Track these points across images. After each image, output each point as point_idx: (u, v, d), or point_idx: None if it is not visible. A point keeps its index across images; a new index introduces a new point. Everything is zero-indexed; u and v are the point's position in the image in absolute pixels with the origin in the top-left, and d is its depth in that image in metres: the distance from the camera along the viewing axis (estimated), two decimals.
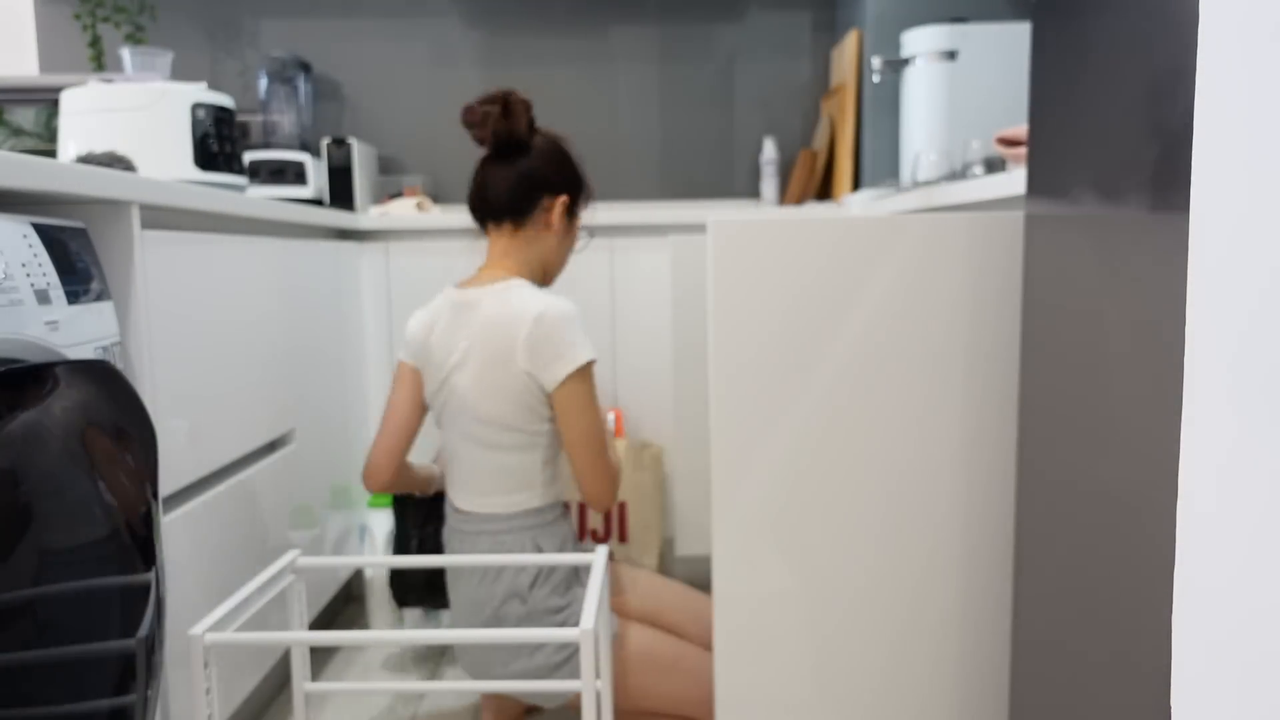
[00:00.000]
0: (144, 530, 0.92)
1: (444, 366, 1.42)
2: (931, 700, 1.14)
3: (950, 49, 2.03)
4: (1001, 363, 1.10)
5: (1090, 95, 0.79)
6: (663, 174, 2.72)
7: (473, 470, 1.42)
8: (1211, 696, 0.53)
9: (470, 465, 1.42)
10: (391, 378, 1.71)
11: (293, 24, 2.63)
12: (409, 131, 2.67)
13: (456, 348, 1.41)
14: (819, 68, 2.70)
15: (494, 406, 1.38)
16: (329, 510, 1.85)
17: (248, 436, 1.46)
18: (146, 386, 1.14)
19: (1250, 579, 0.50)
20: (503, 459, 1.40)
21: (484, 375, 1.38)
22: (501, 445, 1.39)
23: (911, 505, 1.11)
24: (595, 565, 1.17)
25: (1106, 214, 0.77)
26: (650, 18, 2.67)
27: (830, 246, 1.08)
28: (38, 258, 0.90)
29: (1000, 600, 1.13)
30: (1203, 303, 0.53)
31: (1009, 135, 1.34)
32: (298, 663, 1.22)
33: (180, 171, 1.65)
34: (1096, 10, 0.77)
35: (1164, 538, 0.70)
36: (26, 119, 2.02)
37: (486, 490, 1.41)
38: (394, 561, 1.27)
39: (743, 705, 1.14)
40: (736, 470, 1.11)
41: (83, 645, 0.82)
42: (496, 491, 1.41)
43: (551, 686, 1.16)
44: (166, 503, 1.21)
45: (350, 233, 2.21)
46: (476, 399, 1.38)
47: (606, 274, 2.20)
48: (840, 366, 1.09)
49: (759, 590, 1.13)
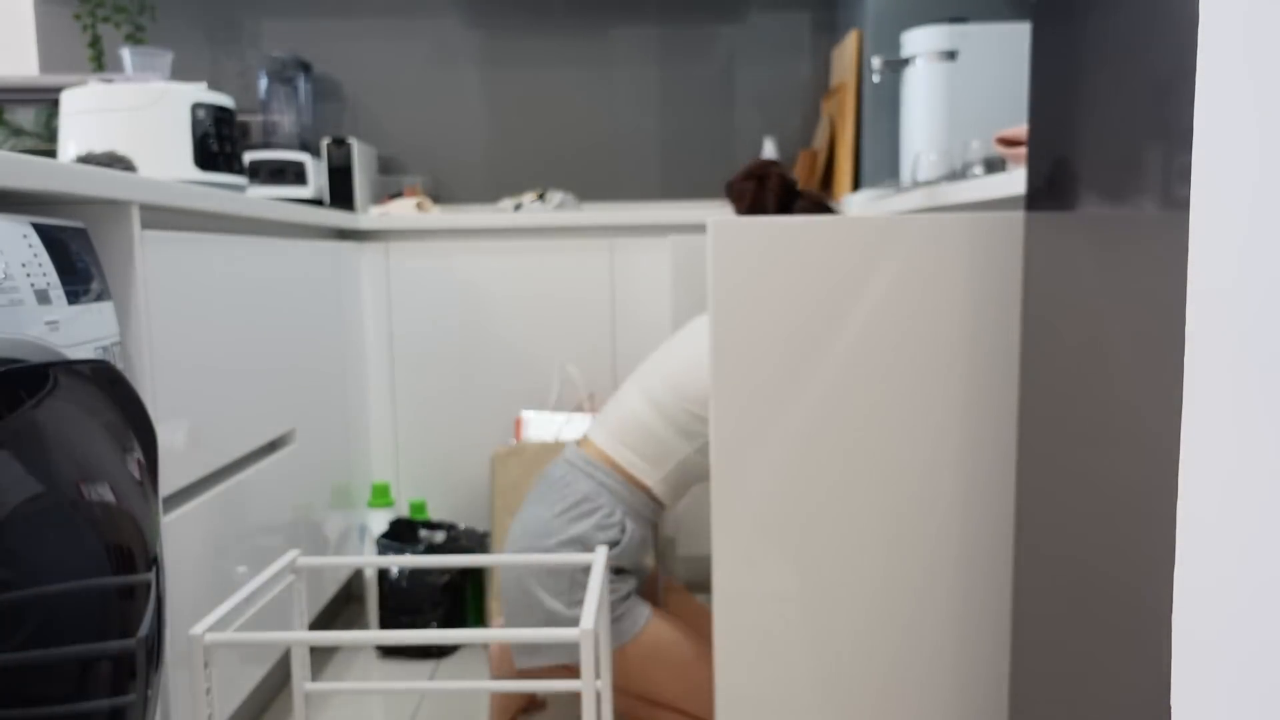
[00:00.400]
0: (144, 530, 0.92)
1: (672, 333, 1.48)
2: (931, 700, 1.14)
3: (950, 49, 2.03)
4: (1001, 362, 1.10)
5: (1090, 95, 0.79)
6: (663, 174, 2.72)
7: (629, 419, 1.49)
8: (1211, 696, 0.53)
9: (631, 415, 1.49)
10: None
11: (293, 24, 2.63)
12: (409, 131, 2.67)
13: (693, 326, 1.52)
14: (819, 68, 2.70)
15: (692, 383, 1.45)
16: (329, 510, 1.85)
17: (248, 436, 1.46)
18: (146, 386, 1.14)
19: (1250, 579, 0.50)
20: (662, 428, 1.46)
21: (701, 359, 1.46)
22: (671, 417, 1.46)
23: (911, 505, 1.11)
24: (595, 565, 1.17)
25: (1106, 214, 0.77)
26: (650, 18, 2.67)
27: (830, 246, 1.08)
28: (38, 258, 0.90)
29: (1000, 600, 1.13)
30: (1203, 302, 0.53)
31: (1009, 135, 1.34)
32: (298, 663, 1.22)
33: (180, 171, 1.65)
34: (1096, 10, 0.77)
35: (1164, 538, 0.70)
36: (26, 119, 2.02)
37: (629, 442, 1.47)
38: (394, 561, 1.27)
39: (743, 705, 1.14)
40: (736, 470, 1.11)
41: (83, 645, 0.82)
42: (634, 446, 1.47)
43: (552, 687, 1.16)
44: (166, 503, 1.21)
45: (350, 233, 2.21)
46: (685, 369, 1.46)
47: (606, 274, 2.20)
48: (840, 366, 1.09)
49: (759, 590, 1.13)
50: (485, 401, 2.20)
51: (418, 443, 2.20)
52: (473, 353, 2.19)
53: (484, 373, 2.19)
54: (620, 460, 1.47)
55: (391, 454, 2.20)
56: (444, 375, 2.19)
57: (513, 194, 2.67)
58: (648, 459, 1.46)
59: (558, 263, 2.19)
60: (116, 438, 0.90)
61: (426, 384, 2.19)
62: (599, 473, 1.47)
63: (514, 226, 2.18)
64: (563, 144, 2.70)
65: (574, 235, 2.20)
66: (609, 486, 1.45)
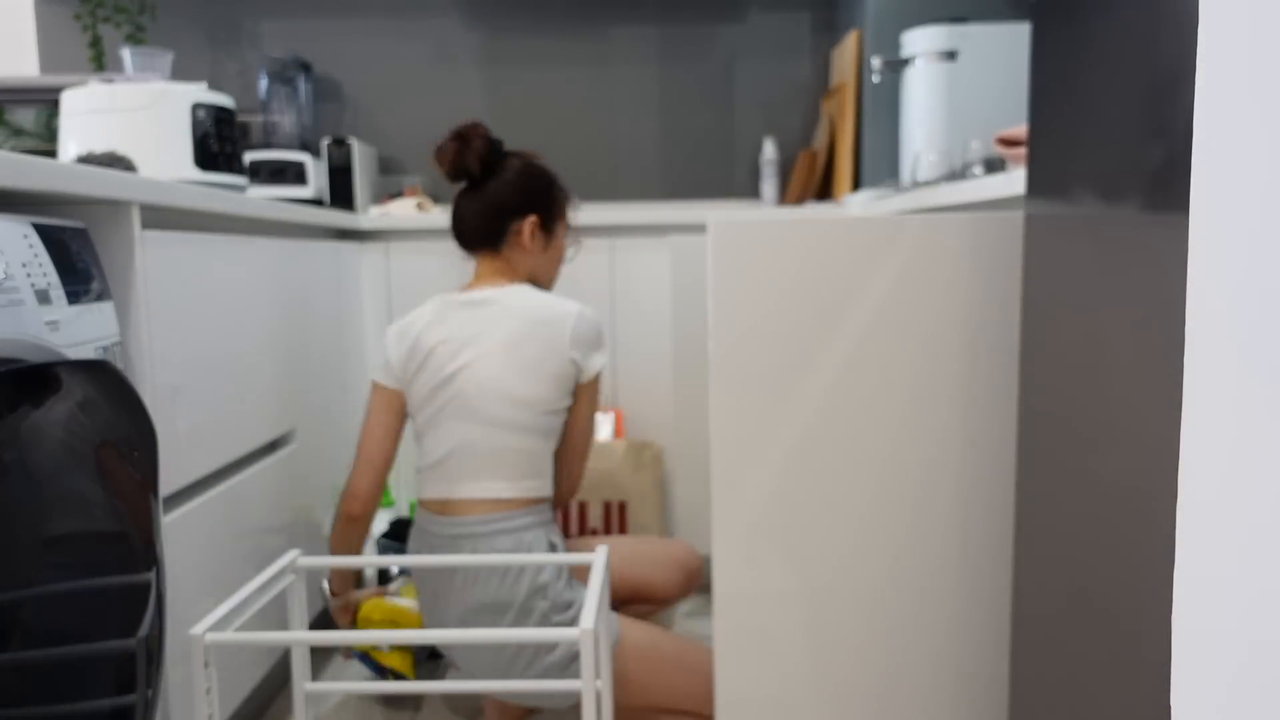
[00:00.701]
0: (144, 530, 0.92)
1: (455, 359, 1.43)
2: (931, 699, 1.14)
3: (950, 49, 2.03)
4: (1001, 362, 1.10)
5: (1090, 95, 0.79)
6: (663, 174, 2.72)
7: (490, 457, 1.42)
8: (1211, 696, 0.53)
9: (487, 452, 1.42)
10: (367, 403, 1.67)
11: (293, 24, 2.63)
12: (409, 131, 2.67)
13: (476, 339, 1.44)
14: (819, 68, 2.70)
15: (532, 387, 1.43)
16: (329, 510, 1.85)
17: (248, 436, 1.46)
18: (146, 386, 1.14)
19: (1250, 579, 0.50)
20: (526, 443, 1.43)
21: (521, 359, 1.43)
22: (529, 428, 1.43)
23: (911, 505, 1.11)
24: (595, 565, 1.17)
25: (1106, 214, 0.77)
26: (650, 18, 2.67)
27: (830, 246, 1.08)
28: (38, 258, 0.90)
29: (1000, 600, 1.13)
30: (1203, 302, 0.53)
31: (1009, 135, 1.34)
32: (298, 663, 1.22)
33: (180, 171, 1.65)
34: (1096, 10, 0.78)
35: (1164, 538, 0.70)
36: (26, 119, 2.02)
37: (506, 475, 1.42)
38: (394, 561, 1.27)
39: (743, 705, 1.14)
40: (736, 470, 1.11)
41: (83, 645, 0.82)
42: (514, 476, 1.43)
43: (551, 687, 1.16)
44: (166, 503, 1.21)
45: (350, 233, 2.21)
46: (513, 382, 1.42)
47: (606, 274, 2.20)
48: (840, 366, 1.09)
49: (759, 590, 1.13)
50: None
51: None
52: None
53: None
54: (510, 496, 1.43)
55: None
56: None
57: None
58: (534, 475, 1.44)
59: None
60: (116, 438, 0.90)
61: None
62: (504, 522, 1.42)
63: None
64: (563, 144, 2.70)
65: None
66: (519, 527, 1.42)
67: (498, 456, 1.43)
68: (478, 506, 1.42)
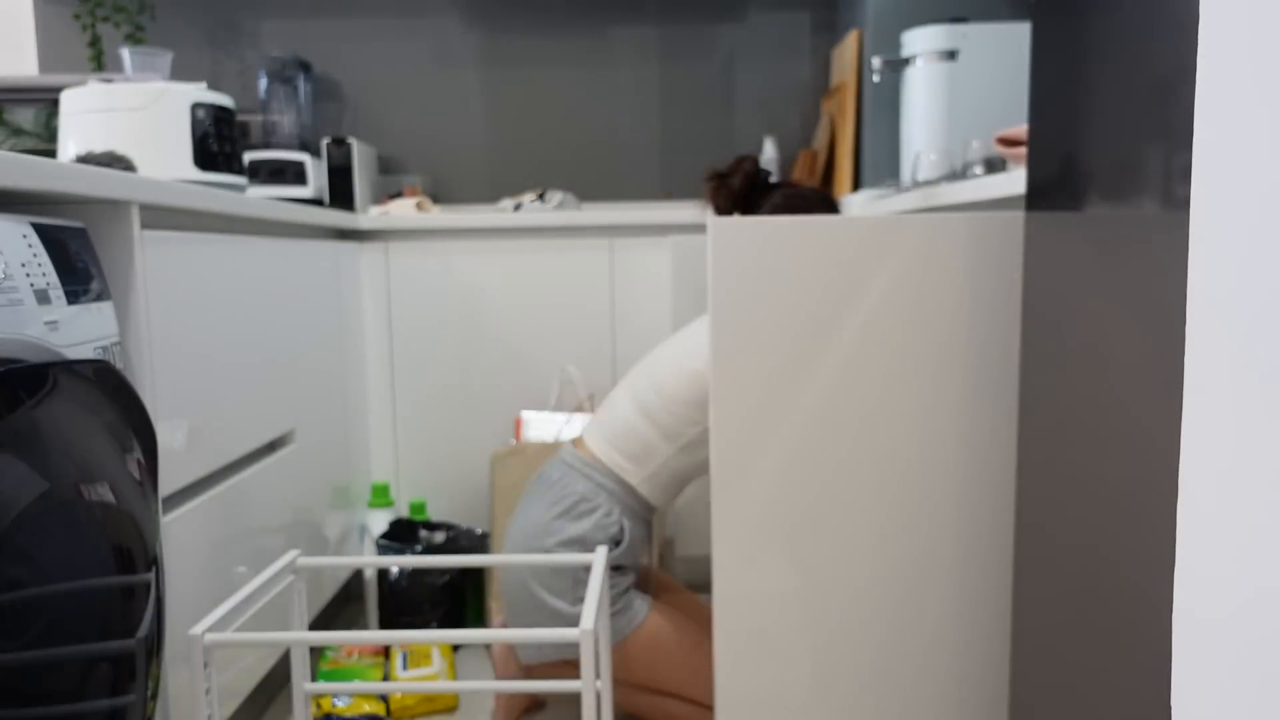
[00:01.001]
0: (144, 530, 0.92)
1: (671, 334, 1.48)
2: (931, 700, 1.14)
3: (950, 49, 2.03)
4: (1001, 362, 1.09)
5: (1090, 95, 0.79)
6: (663, 174, 2.71)
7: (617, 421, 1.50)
8: (1211, 696, 0.53)
9: (619, 417, 1.50)
10: None
11: (293, 24, 2.63)
12: (409, 131, 2.67)
13: (689, 329, 1.52)
14: (819, 68, 2.70)
15: (675, 384, 1.47)
16: (329, 510, 1.85)
17: (248, 436, 1.46)
18: (146, 386, 1.14)
19: (1250, 579, 0.50)
20: (646, 429, 1.47)
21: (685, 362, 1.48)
22: (655, 419, 1.47)
23: (912, 505, 1.11)
24: (595, 565, 1.17)
25: (1106, 214, 0.77)
26: (650, 18, 2.67)
27: (830, 246, 1.08)
28: (38, 258, 0.90)
29: (1000, 600, 1.13)
30: (1203, 302, 0.53)
31: (1009, 135, 1.34)
32: (298, 663, 1.22)
33: (180, 171, 1.65)
34: (1096, 10, 0.77)
35: (1164, 537, 0.70)
36: (26, 119, 2.02)
37: (617, 443, 1.49)
38: (394, 562, 1.27)
39: (743, 705, 1.14)
40: (736, 470, 1.11)
41: (83, 645, 0.82)
42: (621, 448, 1.49)
43: (551, 687, 1.16)
44: (166, 503, 1.21)
45: (350, 233, 2.21)
46: (670, 371, 1.48)
47: (606, 274, 2.20)
48: (840, 366, 1.09)
49: (759, 590, 1.13)
50: (485, 402, 2.20)
51: (417, 443, 2.20)
52: (472, 353, 2.19)
53: (484, 373, 2.19)
54: (609, 461, 1.48)
55: (391, 454, 2.20)
56: (444, 375, 2.19)
57: (512, 194, 2.67)
58: (633, 459, 1.48)
59: (558, 263, 2.18)
60: (116, 438, 0.90)
61: (426, 384, 2.19)
62: (595, 473, 1.47)
63: (514, 226, 2.18)
64: (563, 144, 2.69)
65: (574, 235, 2.20)
66: (605, 486, 1.46)
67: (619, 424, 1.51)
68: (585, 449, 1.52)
